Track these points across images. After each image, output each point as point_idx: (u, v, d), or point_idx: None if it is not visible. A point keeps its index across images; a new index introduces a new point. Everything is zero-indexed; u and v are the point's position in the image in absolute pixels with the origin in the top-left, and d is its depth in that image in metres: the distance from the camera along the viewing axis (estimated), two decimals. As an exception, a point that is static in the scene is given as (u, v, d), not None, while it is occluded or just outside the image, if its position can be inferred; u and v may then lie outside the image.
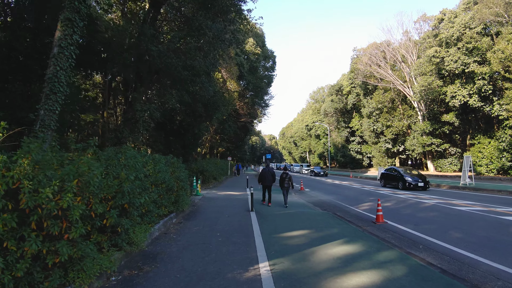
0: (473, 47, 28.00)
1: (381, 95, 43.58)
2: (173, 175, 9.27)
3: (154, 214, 7.31)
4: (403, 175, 20.64)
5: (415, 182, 19.76)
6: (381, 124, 44.85)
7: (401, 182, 20.50)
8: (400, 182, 20.61)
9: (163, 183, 7.69)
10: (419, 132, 39.57)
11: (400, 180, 20.74)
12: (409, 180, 19.95)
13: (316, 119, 78.03)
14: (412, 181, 19.84)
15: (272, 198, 13.83)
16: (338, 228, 8.68)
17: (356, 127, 54.13)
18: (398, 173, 21.37)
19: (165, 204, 8.17)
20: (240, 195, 16.65)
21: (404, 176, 20.55)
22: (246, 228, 8.28)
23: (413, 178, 20.12)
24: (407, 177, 20.30)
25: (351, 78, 51.28)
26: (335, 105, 57.02)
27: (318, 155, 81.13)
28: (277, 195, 16.90)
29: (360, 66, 44.34)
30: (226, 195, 16.67)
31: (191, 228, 8.32)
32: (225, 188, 20.50)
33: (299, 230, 8.17)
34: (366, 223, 10.04)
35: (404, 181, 20.15)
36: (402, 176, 20.65)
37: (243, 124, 48.06)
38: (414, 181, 19.82)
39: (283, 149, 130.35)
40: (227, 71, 24.01)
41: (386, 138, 44.93)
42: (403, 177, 20.46)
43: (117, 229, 5.20)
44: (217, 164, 28.03)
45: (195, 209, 11.55)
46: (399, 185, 20.65)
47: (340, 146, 64.91)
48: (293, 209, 12.12)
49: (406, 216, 11.21)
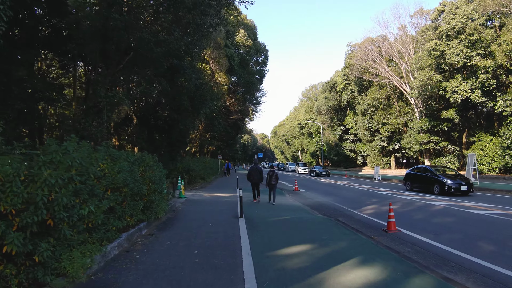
0: (476, 39, 26.73)
1: (377, 92, 42.28)
2: (143, 176, 7.55)
3: (111, 227, 5.59)
4: (439, 177, 16.68)
5: (456, 185, 15.84)
6: (376, 121, 43.57)
7: (437, 185, 16.48)
8: (436, 185, 16.57)
9: (125, 187, 5.96)
10: (416, 129, 38.35)
11: (435, 182, 16.71)
12: (449, 183, 15.96)
13: (309, 117, 76.67)
14: (453, 184, 15.86)
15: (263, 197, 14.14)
16: (346, 240, 7.07)
17: (350, 125, 52.83)
18: (432, 173, 17.29)
19: (129, 213, 6.45)
20: (229, 197, 14.96)
21: (440, 177, 16.60)
22: (233, 242, 6.60)
23: (454, 180, 16.11)
24: (445, 179, 16.34)
25: (345, 74, 49.91)
26: (328, 102, 55.61)
27: (311, 154, 79.80)
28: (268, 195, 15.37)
29: (355, 61, 42.98)
30: (213, 197, 14.96)
31: (163, 242, 6.61)
32: (213, 189, 18.78)
33: (298, 244, 6.52)
34: (376, 231, 8.46)
35: (442, 184, 16.19)
36: (438, 177, 16.69)
37: (234, 121, 46.35)
38: (455, 184, 15.86)
39: (275, 148, 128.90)
40: (216, 63, 22.29)
41: (381, 136, 43.68)
42: (439, 179, 16.53)
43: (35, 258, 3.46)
44: (206, 163, 26.29)
45: (174, 215, 9.82)
46: (434, 189, 16.62)
47: (333, 144, 63.65)
48: (289, 214, 10.49)
49: (419, 222, 9.69)
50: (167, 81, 17.89)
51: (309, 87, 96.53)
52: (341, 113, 57.47)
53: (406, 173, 20.08)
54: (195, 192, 16.76)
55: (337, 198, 15.83)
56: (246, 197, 14.87)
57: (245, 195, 15.48)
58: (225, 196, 15.42)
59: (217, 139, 57.15)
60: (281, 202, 14.16)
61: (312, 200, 15.44)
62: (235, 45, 30.99)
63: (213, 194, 16.16)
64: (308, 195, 17.41)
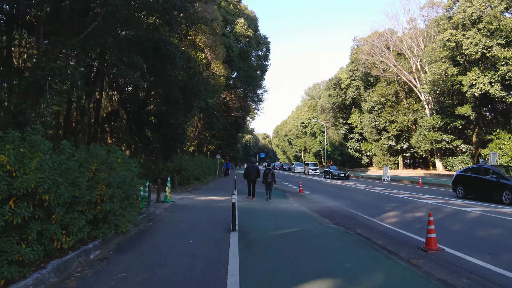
0: (495, 28, 24.51)
1: (384, 88, 40.06)
2: (95, 177, 5.46)
3: (14, 256, 3.49)
4: (510, 180, 12.61)
5: None
6: (383, 119, 41.36)
7: (507, 192, 12.52)
8: (506, 192, 12.56)
9: (45, 192, 3.85)
10: (426, 127, 36.19)
11: (504, 188, 12.68)
12: None
13: (312, 116, 74.48)
14: None
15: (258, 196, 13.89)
16: (380, 269, 4.95)
17: (355, 123, 50.59)
18: (499, 175, 13.06)
19: (57, 232, 4.32)
20: (223, 201, 12.84)
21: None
22: (216, 275, 4.47)
23: None
24: None
25: (350, 70, 47.70)
26: (333, 100, 53.37)
27: (314, 154, 77.61)
28: (274, 198, 13.32)
29: (361, 55, 40.80)
30: (205, 201, 12.84)
31: (113, 274, 4.48)
32: (208, 191, 16.67)
33: (312, 280, 4.38)
34: (411, 250, 6.37)
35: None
36: (509, 181, 12.60)
37: (234, 119, 44.29)
38: None
39: (277, 147, 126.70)
40: (212, 51, 20.18)
41: (389, 135, 41.48)
42: (509, 184, 12.55)
43: None
44: (202, 162, 24.19)
45: (148, 227, 7.70)
46: (504, 197, 12.60)
47: (337, 144, 61.41)
48: (295, 225, 8.37)
49: (459, 236, 7.62)
50: (157, 71, 15.85)
51: (312, 85, 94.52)
52: (345, 111, 55.24)
53: (457, 175, 15.89)
54: (186, 195, 14.66)
55: (349, 203, 13.69)
56: (242, 201, 12.80)
57: (241, 198, 13.44)
58: (219, 200, 13.30)
59: (217, 138, 55.02)
60: (284, 207, 12.06)
61: (321, 204, 13.30)
62: (234, 35, 28.82)
63: (206, 197, 14.04)
64: (315, 199, 15.28)
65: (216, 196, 14.48)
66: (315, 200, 14.61)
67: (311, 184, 24.12)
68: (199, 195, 14.51)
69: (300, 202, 13.78)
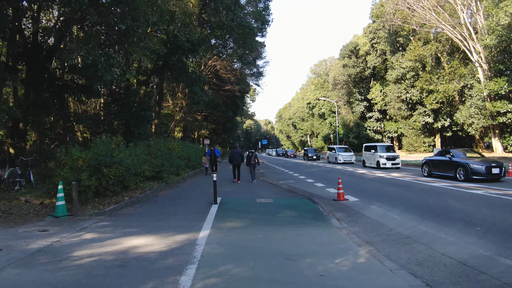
0: None
1: (421, 48, 31.06)
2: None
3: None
4: None
5: None
6: (418, 89, 32.56)
7: None
8: None
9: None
10: (479, 97, 27.46)
11: None
12: None
13: (320, 95, 65.56)
14: None
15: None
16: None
17: (377, 99, 41.72)
18: None
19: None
20: (165, 259, 4.39)
21: None
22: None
23: None
24: None
25: (371, 31, 38.58)
26: (348, 70, 44.29)
27: (323, 138, 69.06)
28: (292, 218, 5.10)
29: (388, 8, 31.67)
30: (105, 264, 4.38)
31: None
32: (153, 213, 7.84)
33: None
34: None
35: None
36: None
37: (229, 95, 35.68)
38: None
39: (280, 133, 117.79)
40: None
41: (425, 110, 32.75)
42: None
43: None
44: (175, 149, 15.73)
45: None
46: None
47: (352, 125, 52.77)
48: None
49: None
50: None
51: (318, 62, 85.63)
52: (363, 85, 46.28)
53: None
54: (92, 224, 6.26)
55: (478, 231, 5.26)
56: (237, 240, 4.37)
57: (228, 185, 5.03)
58: (152, 255, 4.84)
59: (210, 121, 46.43)
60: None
61: (431, 251, 4.81)
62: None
63: (126, 242, 5.39)
64: (394, 218, 6.86)
65: (158, 234, 5.87)
66: (397, 228, 6.13)
67: (348, 179, 15.63)
68: (116, 231, 5.90)
69: (370, 238, 5.37)
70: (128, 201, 8.14)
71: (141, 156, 9.82)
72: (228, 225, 6.22)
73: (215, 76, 31.07)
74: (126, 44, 9.28)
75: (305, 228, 6.17)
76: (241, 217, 6.92)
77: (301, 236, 5.59)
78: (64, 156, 7.90)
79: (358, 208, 8.23)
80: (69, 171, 7.56)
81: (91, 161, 7.76)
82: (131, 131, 16.85)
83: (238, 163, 14.30)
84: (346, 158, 27.61)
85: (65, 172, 7.47)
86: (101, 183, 7.69)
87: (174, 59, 16.81)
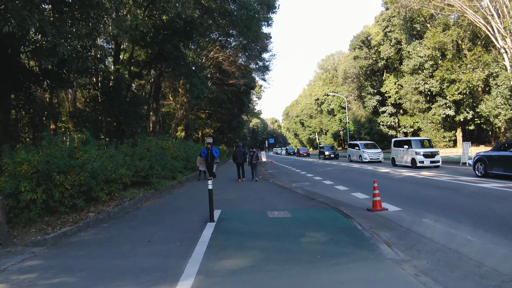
0: None
1: (441, 35, 28.49)
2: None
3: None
4: None
5: None
6: (437, 80, 29.97)
7: None
8: None
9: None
10: (506, 86, 24.95)
11: None
12: None
13: (329, 90, 62.96)
14: None
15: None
16: None
17: (391, 92, 39.15)
18: None
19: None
20: None
21: None
22: None
23: None
24: None
25: (385, 19, 35.98)
26: (360, 62, 41.73)
27: (332, 135, 66.46)
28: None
29: (405, -8, 29.13)
30: None
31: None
32: (99, 249, 5.91)
33: None
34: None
35: None
36: None
37: (234, 91, 33.45)
38: None
39: (287, 131, 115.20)
40: None
41: (446, 101, 30.15)
42: None
43: None
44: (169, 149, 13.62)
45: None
46: None
47: (364, 120, 50.16)
48: None
49: None
50: None
51: (326, 57, 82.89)
52: (375, 77, 43.70)
53: None
54: (16, 264, 4.18)
55: None
56: None
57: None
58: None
59: (214, 119, 44.29)
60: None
61: None
62: None
63: None
64: (466, 245, 4.62)
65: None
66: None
67: (384, 183, 13.35)
68: (37, 285, 3.78)
69: None
70: (93, 219, 6.04)
71: (117, 157, 7.67)
72: (225, 266, 3.98)
73: (218, 70, 28.94)
74: (92, 13, 7.17)
75: (347, 265, 3.98)
76: (247, 247, 4.69)
77: (346, 285, 3.38)
78: (7, 159, 5.80)
79: (407, 223, 5.99)
80: (9, 179, 5.48)
81: (40, 165, 5.65)
82: (121, 129, 14.79)
83: (241, 162, 14.41)
84: (373, 156, 24.19)
85: (2, 181, 5.39)
86: (53, 196, 5.58)
87: (169, 46, 14.70)
